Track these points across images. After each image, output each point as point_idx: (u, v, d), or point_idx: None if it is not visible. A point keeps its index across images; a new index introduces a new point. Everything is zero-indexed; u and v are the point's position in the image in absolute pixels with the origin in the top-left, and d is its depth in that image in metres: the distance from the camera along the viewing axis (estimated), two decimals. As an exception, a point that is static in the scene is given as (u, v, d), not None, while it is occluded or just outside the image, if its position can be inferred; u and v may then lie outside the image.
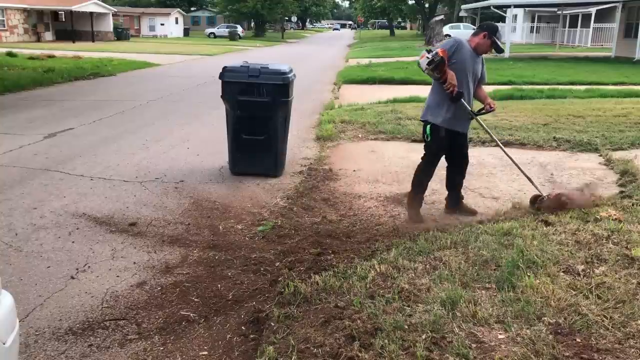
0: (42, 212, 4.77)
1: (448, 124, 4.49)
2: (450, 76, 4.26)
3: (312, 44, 50.07)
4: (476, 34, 4.53)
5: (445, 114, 4.46)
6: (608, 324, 2.73)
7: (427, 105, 4.61)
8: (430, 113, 4.54)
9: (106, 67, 18.59)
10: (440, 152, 4.69)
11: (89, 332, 2.98)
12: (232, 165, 6.10)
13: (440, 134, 4.52)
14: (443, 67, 4.21)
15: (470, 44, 4.49)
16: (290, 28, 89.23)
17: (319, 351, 2.61)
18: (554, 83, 14.51)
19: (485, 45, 4.47)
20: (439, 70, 4.22)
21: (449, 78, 4.26)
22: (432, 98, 4.58)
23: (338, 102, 11.85)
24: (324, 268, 3.56)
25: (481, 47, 4.49)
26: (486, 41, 4.45)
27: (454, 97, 4.34)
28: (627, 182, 5.45)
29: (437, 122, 4.49)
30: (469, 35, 4.62)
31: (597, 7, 32.53)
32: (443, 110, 4.46)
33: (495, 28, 4.52)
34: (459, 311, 2.86)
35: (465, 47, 4.42)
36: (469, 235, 3.95)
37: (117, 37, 44.21)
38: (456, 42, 4.41)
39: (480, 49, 4.50)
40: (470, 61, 4.44)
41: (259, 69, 5.71)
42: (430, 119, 4.52)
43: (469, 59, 4.43)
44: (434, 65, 4.18)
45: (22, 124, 8.76)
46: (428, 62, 4.18)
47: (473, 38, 4.52)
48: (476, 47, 4.49)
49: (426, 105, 4.63)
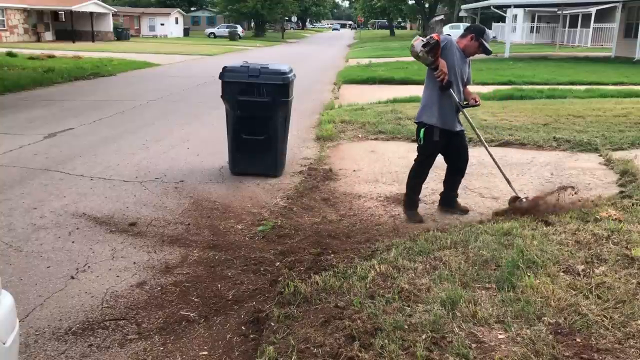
0: (42, 212, 4.78)
1: (442, 122, 4.48)
2: (442, 64, 4.25)
3: (312, 44, 50.07)
4: (464, 36, 4.52)
5: (438, 111, 4.46)
6: (608, 324, 2.73)
7: (421, 107, 4.62)
8: (425, 114, 4.53)
9: (106, 67, 18.59)
10: (433, 154, 4.69)
11: (89, 332, 2.98)
12: (232, 165, 6.10)
13: (434, 137, 4.51)
14: (437, 50, 4.18)
15: (459, 45, 4.48)
16: (290, 28, 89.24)
17: (319, 351, 2.61)
18: (554, 83, 14.51)
19: (473, 47, 4.47)
20: (433, 54, 4.19)
21: (440, 65, 4.24)
22: (425, 97, 4.58)
23: (338, 102, 11.85)
24: (324, 268, 3.56)
25: (469, 49, 4.49)
26: (474, 43, 4.45)
27: (444, 85, 4.32)
28: (627, 182, 5.46)
29: (432, 123, 4.48)
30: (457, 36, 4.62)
31: (597, 7, 32.53)
32: (436, 108, 4.46)
33: (482, 30, 4.52)
34: (459, 311, 2.86)
35: (454, 47, 4.41)
36: (469, 235, 3.95)
37: (117, 37, 44.22)
38: (446, 39, 4.39)
39: (468, 50, 4.50)
40: (458, 61, 4.44)
41: (259, 69, 5.71)
42: (426, 120, 4.52)
43: (458, 59, 4.43)
44: (429, 48, 4.15)
45: (22, 124, 8.76)
46: (423, 45, 4.14)
47: (461, 40, 4.52)
48: (464, 49, 4.49)
49: (421, 106, 4.63)
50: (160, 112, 10.29)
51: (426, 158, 4.70)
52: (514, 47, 28.48)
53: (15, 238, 4.22)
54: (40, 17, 39.48)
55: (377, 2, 57.74)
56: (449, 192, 4.90)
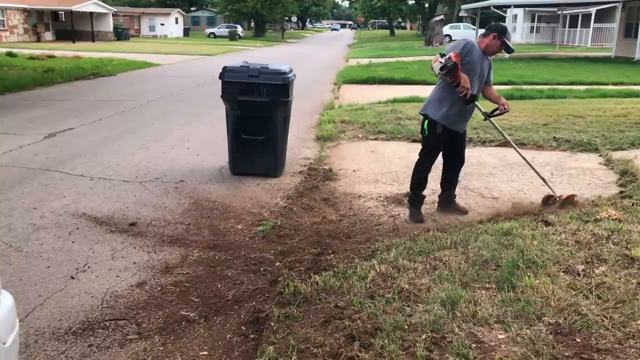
0: (42, 212, 4.77)
1: (446, 121, 4.48)
2: (464, 80, 4.25)
3: (312, 44, 50.07)
4: (485, 35, 4.51)
5: (446, 112, 4.46)
6: (608, 324, 2.73)
7: (429, 100, 4.61)
8: (430, 108, 4.53)
9: (106, 67, 18.59)
10: (437, 147, 4.66)
11: (89, 332, 2.98)
12: (232, 165, 6.10)
13: (437, 129, 4.51)
14: (456, 71, 4.20)
15: (480, 45, 4.49)
16: (290, 28, 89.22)
17: (319, 351, 2.60)
18: (554, 83, 14.51)
19: (495, 46, 4.47)
20: (451, 75, 4.22)
21: (462, 82, 4.25)
22: (435, 94, 4.56)
23: (338, 102, 11.85)
24: (324, 268, 3.55)
25: (491, 48, 4.49)
26: (496, 42, 4.45)
27: (468, 100, 4.33)
28: (627, 182, 5.45)
29: (435, 118, 4.48)
30: (477, 36, 4.62)
31: (597, 7, 32.52)
32: (445, 107, 4.46)
33: (504, 29, 4.51)
34: (459, 311, 2.86)
35: (476, 49, 4.41)
36: (469, 235, 3.95)
37: (117, 37, 44.22)
38: (468, 43, 4.40)
39: (490, 50, 4.49)
40: (479, 63, 4.44)
41: (259, 69, 5.71)
42: (430, 114, 4.52)
43: (478, 61, 4.43)
44: (447, 71, 4.19)
45: (22, 124, 8.76)
46: (441, 67, 4.19)
47: (483, 39, 4.51)
48: (486, 49, 4.49)
49: (427, 100, 4.62)
50: (160, 112, 10.29)
51: (429, 151, 4.69)
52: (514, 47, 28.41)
53: (15, 238, 4.22)
54: (40, 17, 39.48)
55: (377, 2, 57.71)
56: (448, 194, 4.89)
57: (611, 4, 27.08)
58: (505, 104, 4.60)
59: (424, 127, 4.57)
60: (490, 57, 4.61)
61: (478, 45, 4.47)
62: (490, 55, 4.56)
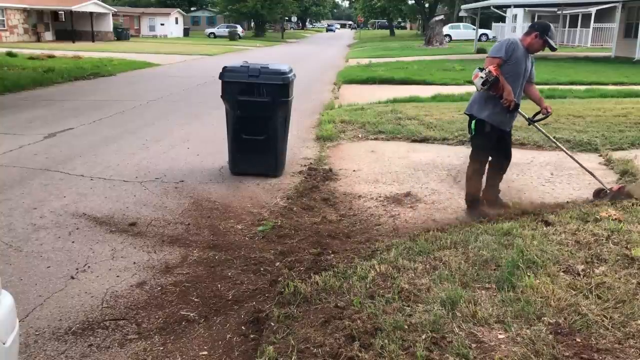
0: (42, 212, 4.77)
1: (493, 120, 4.50)
2: (507, 92, 4.29)
3: (312, 44, 50.06)
4: (528, 33, 4.53)
5: (492, 110, 4.48)
6: (608, 324, 2.73)
7: (473, 99, 4.63)
8: (477, 108, 4.56)
9: (106, 67, 18.59)
10: (487, 146, 4.65)
11: (89, 332, 2.98)
12: (232, 165, 6.10)
13: (486, 128, 4.52)
14: (497, 85, 4.23)
15: (523, 43, 4.50)
16: (290, 28, 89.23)
17: (319, 351, 2.60)
18: (554, 83, 14.50)
19: (538, 44, 4.49)
20: (494, 89, 4.26)
21: (505, 95, 4.29)
22: (480, 93, 4.54)
23: (338, 102, 11.85)
24: (324, 268, 3.55)
25: (533, 46, 4.50)
26: (538, 41, 4.46)
27: (512, 109, 4.38)
28: (627, 182, 5.45)
29: (482, 117, 4.50)
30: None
31: (597, 7, 32.52)
32: (490, 106, 4.48)
33: (546, 27, 4.51)
34: (459, 311, 2.86)
35: (519, 48, 4.44)
36: (469, 235, 3.95)
37: (117, 37, 44.21)
38: (512, 43, 4.43)
39: (532, 48, 4.51)
40: (523, 61, 4.47)
41: (259, 69, 5.71)
42: (476, 113, 4.54)
43: (522, 59, 4.46)
44: (489, 85, 4.24)
45: (22, 124, 8.76)
46: (482, 82, 4.23)
47: (525, 37, 4.53)
48: (529, 47, 4.50)
49: (471, 100, 4.64)
50: (160, 112, 10.29)
51: (481, 150, 4.68)
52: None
53: (15, 238, 4.22)
54: (40, 17, 39.48)
55: (377, 2, 57.70)
56: (493, 190, 4.87)
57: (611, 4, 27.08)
58: (548, 107, 4.66)
59: (472, 127, 4.58)
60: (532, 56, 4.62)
61: (521, 42, 4.49)
62: (532, 53, 4.57)
